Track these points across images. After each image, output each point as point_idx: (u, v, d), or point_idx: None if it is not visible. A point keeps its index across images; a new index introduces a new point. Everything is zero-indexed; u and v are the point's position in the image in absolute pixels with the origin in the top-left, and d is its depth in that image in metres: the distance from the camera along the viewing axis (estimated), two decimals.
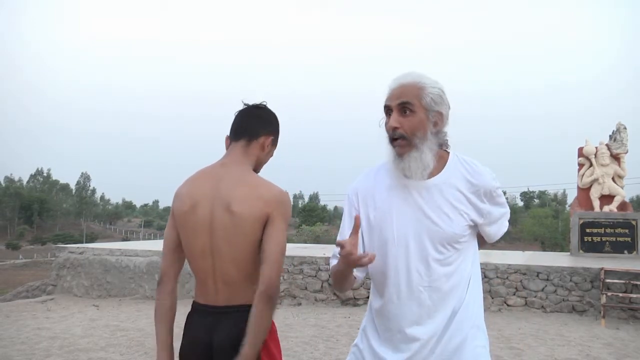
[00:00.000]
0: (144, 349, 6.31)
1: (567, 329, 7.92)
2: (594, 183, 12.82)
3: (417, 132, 1.78)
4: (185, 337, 2.00)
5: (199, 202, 1.92)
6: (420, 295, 1.81)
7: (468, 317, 1.83)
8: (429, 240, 1.80)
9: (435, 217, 1.80)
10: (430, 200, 1.81)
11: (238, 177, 1.92)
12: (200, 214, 1.91)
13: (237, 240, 1.86)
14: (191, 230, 1.93)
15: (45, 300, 10.85)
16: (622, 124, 12.90)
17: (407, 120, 1.77)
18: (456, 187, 1.83)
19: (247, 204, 1.85)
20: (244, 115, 2.06)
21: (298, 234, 47.74)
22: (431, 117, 1.80)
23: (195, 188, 1.96)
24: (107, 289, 11.28)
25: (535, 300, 9.32)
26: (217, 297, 1.92)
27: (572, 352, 6.47)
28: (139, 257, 11.43)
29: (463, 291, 1.84)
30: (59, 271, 11.90)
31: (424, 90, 1.78)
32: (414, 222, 1.81)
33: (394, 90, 1.80)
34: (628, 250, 12.01)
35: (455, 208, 1.81)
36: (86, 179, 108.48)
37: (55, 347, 6.38)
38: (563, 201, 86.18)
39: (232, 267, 1.88)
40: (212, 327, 1.89)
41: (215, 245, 1.88)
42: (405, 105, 1.77)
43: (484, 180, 1.85)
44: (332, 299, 9.96)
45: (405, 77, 1.82)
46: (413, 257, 1.81)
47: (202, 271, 1.94)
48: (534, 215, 62.90)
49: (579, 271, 9.33)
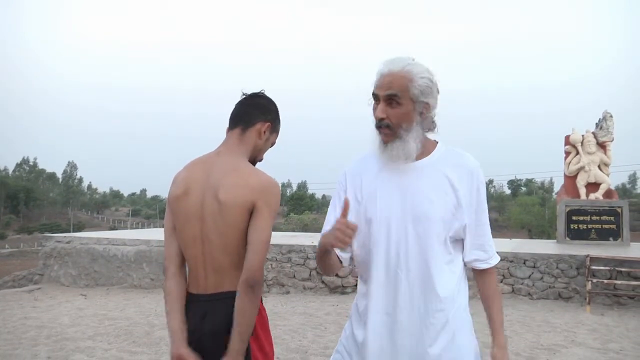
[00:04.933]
0: (132, 338, 6.29)
1: (553, 315, 8.01)
2: (581, 171, 12.93)
3: (402, 123, 1.79)
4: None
5: (190, 189, 1.93)
6: (398, 274, 1.81)
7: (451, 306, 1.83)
8: (410, 221, 1.80)
9: (418, 198, 1.81)
10: (415, 182, 1.83)
11: (229, 165, 1.92)
12: (191, 201, 1.92)
13: (225, 228, 1.86)
14: (183, 216, 1.94)
15: (32, 289, 10.79)
16: (609, 112, 12.98)
17: (394, 111, 1.78)
18: (442, 170, 1.83)
19: (234, 192, 1.85)
20: (240, 104, 2.06)
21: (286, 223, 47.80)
22: (418, 107, 1.80)
23: (189, 175, 1.97)
24: (94, 278, 11.23)
25: (522, 287, 9.40)
26: (207, 284, 1.92)
27: (557, 338, 6.54)
28: (126, 246, 11.38)
29: (446, 277, 1.83)
30: (46, 260, 11.83)
31: (412, 82, 1.76)
32: (397, 203, 1.82)
33: (383, 78, 1.79)
34: (613, 237, 12.15)
35: (439, 191, 1.81)
36: (73, 167, 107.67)
37: (42, 337, 6.34)
38: (550, 189, 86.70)
39: (221, 254, 1.88)
40: (202, 315, 1.90)
41: (205, 232, 1.89)
42: (392, 97, 1.77)
43: (470, 163, 1.86)
44: (321, 287, 9.98)
45: (395, 63, 1.79)
46: (393, 238, 1.82)
47: (193, 258, 1.95)
48: (521, 203, 63.28)
49: (565, 258, 9.42)
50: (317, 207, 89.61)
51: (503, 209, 79.39)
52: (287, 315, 7.75)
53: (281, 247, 10.45)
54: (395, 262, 1.82)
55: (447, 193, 1.82)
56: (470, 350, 1.86)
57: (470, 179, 1.84)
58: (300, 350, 5.77)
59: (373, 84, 1.83)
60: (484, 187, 1.89)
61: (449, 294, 1.81)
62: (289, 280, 10.22)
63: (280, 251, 10.40)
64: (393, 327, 1.81)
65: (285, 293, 9.98)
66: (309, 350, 5.77)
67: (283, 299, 9.30)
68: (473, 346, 1.89)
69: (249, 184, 1.86)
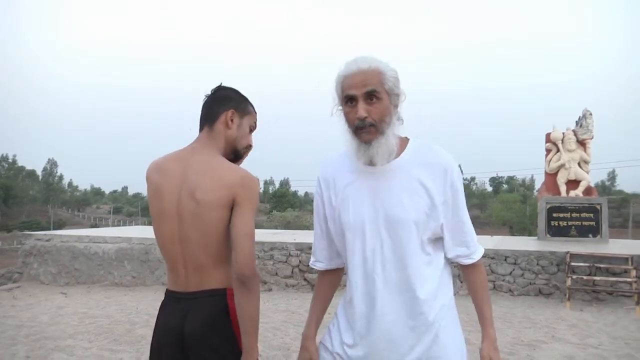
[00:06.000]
0: (113, 336, 6.24)
1: (534, 311, 8.09)
2: (561, 168, 13.06)
3: (384, 118, 1.77)
4: (158, 324, 1.98)
5: (166, 188, 1.90)
6: (375, 280, 1.80)
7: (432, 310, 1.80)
8: (383, 225, 1.79)
9: (390, 202, 1.79)
10: (386, 185, 1.80)
11: (203, 162, 1.90)
12: (167, 200, 1.89)
13: (204, 226, 1.84)
14: (159, 215, 1.92)
15: (11, 288, 10.64)
16: (588, 110, 13.13)
17: (375, 107, 1.75)
18: (413, 171, 1.80)
19: (211, 190, 1.83)
20: (203, 105, 2.04)
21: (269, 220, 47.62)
22: (393, 100, 1.79)
23: (163, 173, 1.94)
24: (75, 276, 11.12)
25: (503, 284, 9.48)
26: (187, 282, 1.89)
27: (538, 334, 6.61)
28: (107, 244, 11.28)
29: (425, 279, 1.80)
30: (25, 258, 11.68)
31: (384, 75, 1.75)
32: (369, 208, 1.81)
33: (355, 78, 1.75)
34: (593, 234, 12.29)
35: (411, 193, 1.79)
36: (53, 165, 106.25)
37: (21, 336, 6.27)
38: (531, 186, 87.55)
39: (201, 253, 1.86)
40: (183, 314, 1.87)
41: (183, 231, 1.86)
42: (372, 93, 1.74)
43: (442, 159, 1.83)
44: (303, 285, 9.99)
45: (362, 61, 1.76)
46: (368, 243, 1.80)
47: (171, 257, 1.92)
48: (503, 200, 63.84)
49: (546, 255, 9.52)
50: (300, 205, 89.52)
51: (485, 206, 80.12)
52: (269, 312, 7.73)
53: (263, 244, 10.43)
54: (371, 268, 1.80)
55: (420, 194, 1.79)
56: (455, 348, 1.84)
57: (444, 176, 1.80)
58: (283, 348, 5.77)
59: (339, 89, 1.79)
60: (459, 182, 1.84)
61: (429, 296, 1.79)
62: (272, 277, 10.21)
63: (263, 248, 10.38)
64: (375, 333, 1.80)
65: (268, 290, 9.96)
66: (291, 347, 5.76)
67: (265, 296, 9.28)
68: (458, 343, 1.86)
69: (226, 181, 1.84)
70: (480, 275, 1.95)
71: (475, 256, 1.91)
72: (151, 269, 10.78)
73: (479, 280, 1.95)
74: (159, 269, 10.69)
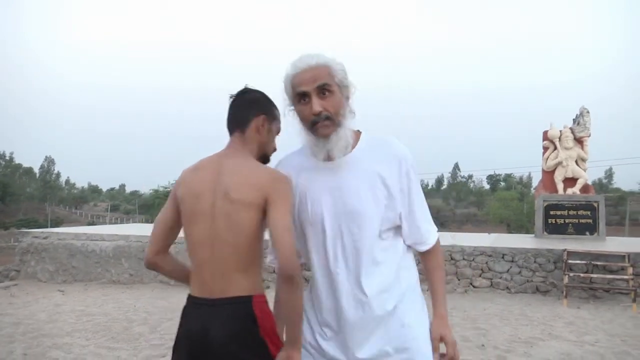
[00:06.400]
0: (111, 334, 6.24)
1: (531, 309, 8.10)
2: (558, 166, 13.09)
3: (339, 110, 1.79)
4: (181, 331, 1.94)
5: (200, 190, 1.90)
6: (336, 276, 1.82)
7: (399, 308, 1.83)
8: (343, 220, 1.81)
9: (347, 196, 1.81)
10: (343, 178, 1.82)
11: (237, 165, 1.90)
12: (201, 202, 1.89)
13: (236, 227, 1.83)
14: (192, 218, 1.91)
15: (8, 286, 10.63)
16: (586, 108, 13.15)
17: (328, 101, 1.77)
18: (368, 163, 1.82)
19: (243, 190, 1.83)
20: (230, 107, 2.02)
21: None
22: (344, 92, 1.82)
23: (199, 177, 1.94)
24: (72, 273, 11.12)
25: (500, 281, 9.50)
26: (212, 288, 1.86)
27: (535, 331, 6.63)
28: (105, 242, 11.27)
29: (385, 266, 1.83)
30: (22, 256, 11.67)
31: (332, 68, 1.78)
32: (328, 203, 1.83)
33: (304, 74, 1.77)
34: (590, 231, 12.32)
35: (367, 185, 1.81)
36: (50, 162, 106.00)
37: (18, 333, 6.27)
38: (528, 184, 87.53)
39: (231, 255, 1.84)
40: (207, 320, 1.83)
41: (216, 233, 1.85)
42: (324, 87, 1.76)
43: (396, 150, 1.85)
44: None
45: (309, 58, 1.79)
46: (329, 238, 1.83)
47: (199, 260, 1.90)
48: (500, 198, 63.84)
49: (543, 252, 9.53)
50: None
51: (482, 204, 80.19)
52: None
53: None
54: (333, 263, 1.83)
55: (376, 186, 1.81)
56: (421, 329, 1.85)
57: (398, 166, 1.83)
58: None
59: (289, 88, 1.81)
60: (413, 170, 1.86)
61: (389, 282, 1.82)
62: (269, 275, 10.21)
63: None
64: (345, 327, 1.82)
65: (265, 288, 9.94)
66: None
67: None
68: (423, 324, 1.88)
69: (257, 181, 1.84)
70: (436, 259, 1.96)
71: (430, 241, 1.92)
72: None
73: (435, 263, 1.96)
74: None
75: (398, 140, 1.89)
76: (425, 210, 1.92)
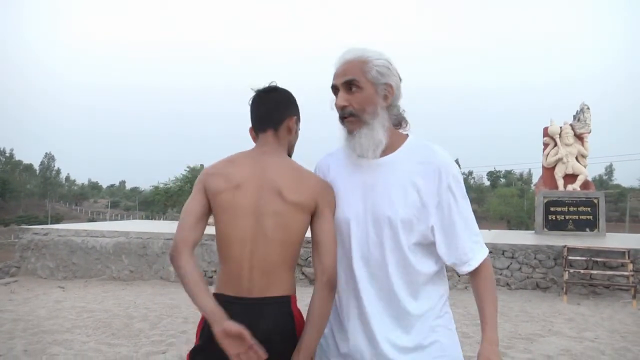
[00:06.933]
0: (111, 330, 6.24)
1: (531, 305, 8.11)
2: (559, 162, 13.08)
3: (366, 107, 1.72)
4: (208, 331, 1.78)
5: (242, 185, 1.83)
6: (360, 278, 1.76)
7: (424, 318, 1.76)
8: (371, 223, 1.74)
9: (378, 198, 1.73)
10: (377, 180, 1.75)
11: (282, 164, 1.87)
12: (245, 198, 1.82)
13: (286, 227, 1.80)
14: (231, 212, 1.83)
15: (9, 282, 10.65)
16: (586, 105, 13.14)
17: (354, 97, 1.72)
18: (406, 168, 1.73)
19: (297, 192, 1.80)
20: (261, 103, 1.96)
21: None
22: (380, 90, 1.73)
23: (239, 170, 1.86)
24: (72, 270, 11.12)
25: (500, 277, 9.50)
26: (251, 286, 1.79)
27: (535, 327, 6.63)
28: (105, 238, 11.28)
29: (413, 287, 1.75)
30: (22, 253, 11.67)
31: (368, 64, 1.71)
32: (359, 203, 1.77)
33: (338, 69, 1.76)
34: (590, 228, 12.33)
35: (400, 190, 1.72)
36: (50, 159, 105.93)
37: (18, 330, 6.26)
38: (528, 180, 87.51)
39: (274, 253, 1.79)
40: (247, 321, 1.74)
41: (261, 230, 1.79)
42: (351, 82, 1.71)
43: (439, 159, 1.74)
44: (301, 279, 9.98)
45: (349, 52, 1.76)
46: (355, 241, 1.76)
47: (237, 258, 1.81)
48: (500, 195, 63.97)
49: (543, 249, 9.53)
50: None
51: (482, 201, 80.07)
52: None
53: None
54: (357, 266, 1.76)
55: (409, 193, 1.71)
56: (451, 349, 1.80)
57: (438, 177, 1.71)
58: None
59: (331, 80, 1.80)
60: (457, 184, 1.74)
61: (416, 309, 1.75)
62: None
63: None
64: (358, 331, 1.78)
65: None
66: None
67: None
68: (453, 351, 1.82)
69: (310, 185, 1.82)
70: (484, 282, 1.79)
71: (474, 263, 1.76)
72: (149, 263, 10.78)
73: (482, 287, 1.79)
74: (157, 263, 10.69)
75: (444, 150, 1.78)
76: (469, 227, 1.77)
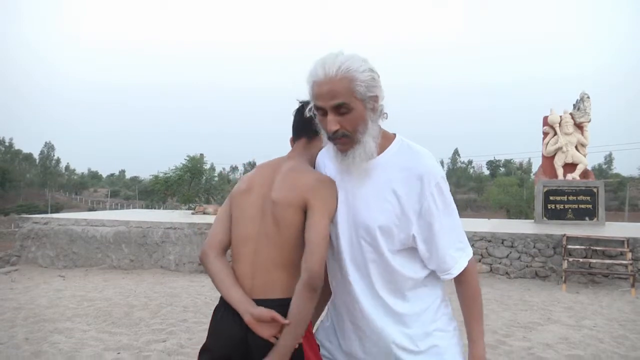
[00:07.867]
0: (112, 319, 6.27)
1: (530, 294, 8.14)
2: (558, 151, 13.07)
3: (358, 127, 1.64)
4: (216, 331, 1.87)
5: (252, 188, 1.93)
6: (351, 283, 1.75)
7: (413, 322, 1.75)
8: (353, 228, 1.72)
9: (358, 204, 1.71)
10: (359, 185, 1.72)
11: (291, 167, 1.91)
12: (250, 200, 1.91)
13: (282, 226, 1.81)
14: (239, 213, 1.92)
15: (9, 271, 10.67)
16: (586, 94, 13.11)
17: (345, 119, 1.62)
18: (388, 174, 1.69)
19: (286, 192, 1.82)
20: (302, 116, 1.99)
21: None
22: (368, 105, 1.64)
23: (255, 175, 1.98)
24: (73, 259, 11.15)
25: (499, 266, 9.53)
26: (253, 287, 1.83)
27: (534, 316, 6.66)
28: (105, 227, 11.30)
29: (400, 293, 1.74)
30: (23, 242, 11.69)
31: (354, 82, 1.58)
32: (342, 206, 1.74)
33: (322, 87, 1.60)
34: (589, 217, 12.34)
35: (380, 197, 1.68)
36: (50, 148, 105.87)
37: (19, 318, 6.29)
38: (528, 169, 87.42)
39: (277, 254, 1.82)
40: (245, 322, 1.78)
41: (263, 231, 1.84)
42: (341, 106, 1.60)
43: (422, 166, 1.68)
44: None
45: (329, 65, 1.59)
46: (343, 245, 1.75)
47: (242, 257, 1.87)
48: (500, 184, 63.70)
49: (542, 238, 9.55)
50: None
51: (482, 190, 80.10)
52: None
53: None
54: (346, 271, 1.76)
55: (388, 200, 1.67)
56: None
57: (420, 185, 1.65)
58: None
59: (310, 91, 1.66)
60: (440, 191, 1.67)
61: (409, 309, 1.74)
62: None
63: None
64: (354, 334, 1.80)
65: None
66: None
67: None
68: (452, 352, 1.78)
69: (300, 183, 1.82)
70: (467, 290, 1.78)
71: (454, 271, 1.73)
72: (149, 252, 10.80)
73: (464, 294, 1.79)
74: (157, 252, 10.72)
75: (429, 155, 1.72)
76: (452, 235, 1.72)
